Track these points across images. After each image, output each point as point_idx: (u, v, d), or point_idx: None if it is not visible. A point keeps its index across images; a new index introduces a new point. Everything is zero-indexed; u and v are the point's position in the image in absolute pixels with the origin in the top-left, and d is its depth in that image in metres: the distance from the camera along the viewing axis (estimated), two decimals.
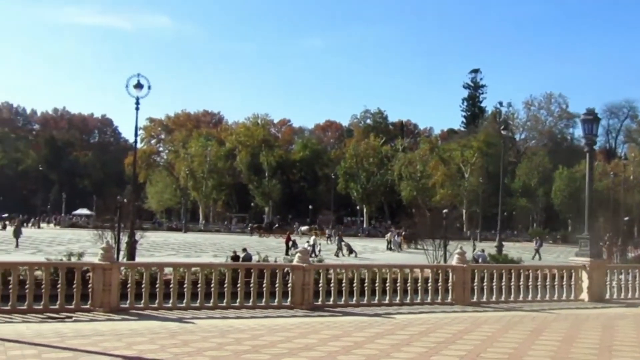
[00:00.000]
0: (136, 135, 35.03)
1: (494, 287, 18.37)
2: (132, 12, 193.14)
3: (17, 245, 42.50)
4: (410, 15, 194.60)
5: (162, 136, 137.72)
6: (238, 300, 15.87)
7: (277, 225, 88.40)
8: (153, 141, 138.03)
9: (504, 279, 18.55)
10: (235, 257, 31.67)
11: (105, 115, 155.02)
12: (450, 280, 18.14)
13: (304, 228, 72.88)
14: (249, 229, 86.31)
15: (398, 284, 17.41)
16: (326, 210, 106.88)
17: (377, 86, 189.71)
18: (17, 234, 44.89)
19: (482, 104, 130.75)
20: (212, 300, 15.58)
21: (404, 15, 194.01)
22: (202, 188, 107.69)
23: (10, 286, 14.27)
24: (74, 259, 23.10)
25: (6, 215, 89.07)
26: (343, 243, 49.10)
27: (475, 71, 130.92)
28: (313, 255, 39.33)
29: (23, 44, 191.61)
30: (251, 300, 16.08)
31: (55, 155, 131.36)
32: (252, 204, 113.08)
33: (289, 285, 16.26)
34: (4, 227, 67.70)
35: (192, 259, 36.77)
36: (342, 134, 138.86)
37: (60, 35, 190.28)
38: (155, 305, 15.11)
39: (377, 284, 17.21)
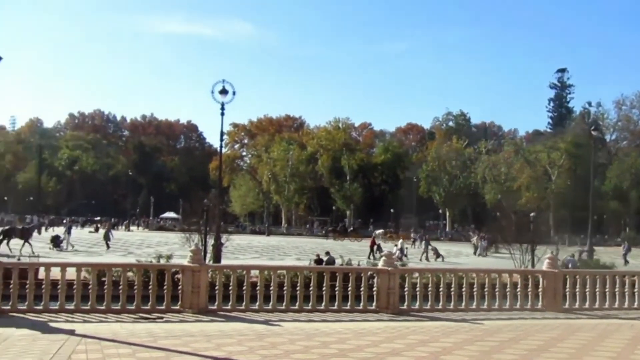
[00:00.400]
0: (221, 140, 35.48)
1: (587, 293, 17.68)
2: (216, 19, 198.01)
3: (107, 248, 43.95)
4: (494, 15, 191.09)
5: (246, 141, 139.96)
6: (323, 303, 15.89)
7: (352, 228, 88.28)
8: (237, 146, 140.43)
9: (597, 285, 17.83)
10: (318, 261, 31.73)
11: (191, 121, 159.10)
12: (540, 285, 17.59)
13: (379, 231, 72.35)
14: (323, 232, 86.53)
15: (485, 289, 17.00)
16: (408, 213, 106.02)
17: (460, 88, 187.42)
18: (107, 236, 46.43)
19: (570, 104, 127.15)
20: (297, 303, 15.66)
21: (487, 16, 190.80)
22: (284, 192, 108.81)
23: (105, 287, 14.77)
24: (162, 261, 23.65)
25: (98, 218, 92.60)
26: (430, 247, 48.37)
27: (562, 70, 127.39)
28: (403, 259, 39.04)
29: (113, 54, 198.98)
30: (336, 304, 16.05)
31: (144, 160, 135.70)
32: (334, 208, 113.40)
33: (374, 289, 16.16)
34: (97, 230, 70.25)
35: (276, 262, 37.08)
36: (423, 136, 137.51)
37: (148, 44, 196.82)
38: (242, 307, 15.31)
39: (463, 289, 16.87)
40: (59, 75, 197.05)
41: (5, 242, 37.15)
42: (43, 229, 49.90)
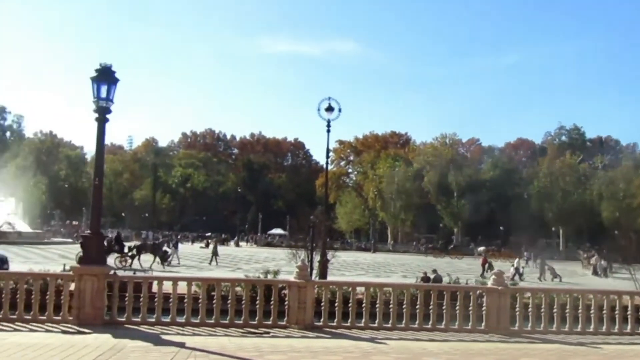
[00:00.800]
0: (327, 157, 35.80)
1: None
2: (321, 38, 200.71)
3: (216, 263, 45.01)
4: (607, 27, 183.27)
5: (351, 158, 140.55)
6: (430, 322, 15.54)
7: (452, 246, 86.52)
8: (342, 163, 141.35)
9: None
10: (425, 278, 31.25)
11: (298, 138, 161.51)
12: None
13: (481, 249, 70.47)
14: (423, 248, 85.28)
15: (604, 312, 16.10)
16: (518, 231, 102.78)
17: (573, 102, 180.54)
18: (215, 252, 47.59)
19: None
20: (404, 321, 15.39)
21: (600, 27, 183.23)
22: (390, 209, 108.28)
23: (214, 301, 15.07)
24: (270, 277, 23.92)
25: (209, 234, 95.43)
26: (547, 267, 46.53)
27: None
28: (515, 278, 37.81)
29: (223, 74, 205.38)
30: (443, 323, 15.65)
31: (252, 177, 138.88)
32: (441, 225, 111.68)
33: (483, 308, 15.66)
34: (207, 245, 72.28)
35: (382, 279, 36.79)
36: (534, 152, 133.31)
37: (256, 64, 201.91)
38: (348, 325, 15.21)
39: (579, 311, 16.04)
40: (173, 95, 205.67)
41: (137, 257, 39.03)
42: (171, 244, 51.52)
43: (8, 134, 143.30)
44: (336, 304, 15.45)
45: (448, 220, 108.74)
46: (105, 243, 40.49)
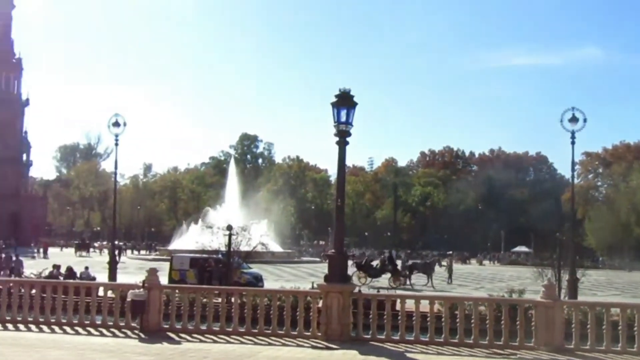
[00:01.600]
0: (573, 170, 33.86)
1: None
2: (561, 47, 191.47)
3: (449, 282, 44.36)
4: None
5: (600, 170, 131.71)
6: None
7: None
8: (590, 176, 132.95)
9: None
10: None
11: (540, 152, 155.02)
12: None
13: None
14: None
15: None
16: None
17: None
18: (450, 270, 46.79)
19: None
20: None
21: None
22: None
23: (458, 320, 14.88)
24: (514, 296, 23.13)
25: (450, 252, 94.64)
26: None
27: None
28: None
29: (460, 92, 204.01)
30: None
31: (493, 194, 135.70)
32: None
33: None
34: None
35: None
36: None
37: (491, 79, 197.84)
38: (603, 348, 14.16)
39: None
40: (411, 116, 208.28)
41: (409, 276, 40.05)
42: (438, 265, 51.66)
43: (260, 160, 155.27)
44: (588, 326, 14.46)
45: None
46: (379, 262, 42.32)
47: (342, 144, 15.56)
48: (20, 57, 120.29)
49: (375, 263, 43.21)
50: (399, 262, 45.41)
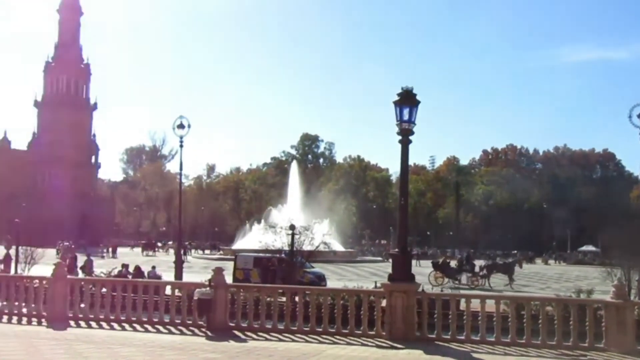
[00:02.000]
0: None
1: None
2: (629, 41, 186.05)
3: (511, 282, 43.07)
4: None
5: None
6: None
7: None
8: None
9: None
10: None
11: (607, 149, 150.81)
12: None
13: None
14: None
15: None
16: None
17: None
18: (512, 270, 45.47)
19: None
20: None
21: None
22: None
23: (524, 320, 14.65)
24: (582, 296, 22.66)
25: (515, 252, 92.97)
26: None
27: None
28: None
29: (521, 89, 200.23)
30: None
31: (558, 192, 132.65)
32: None
33: None
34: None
35: None
36: None
37: (556, 75, 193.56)
38: None
39: None
40: (472, 113, 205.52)
41: (488, 277, 39.43)
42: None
43: (321, 160, 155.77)
44: None
45: None
46: (456, 262, 41.80)
47: (405, 142, 15.50)
48: (88, 63, 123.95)
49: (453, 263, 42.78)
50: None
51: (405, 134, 15.41)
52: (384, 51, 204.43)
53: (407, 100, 15.32)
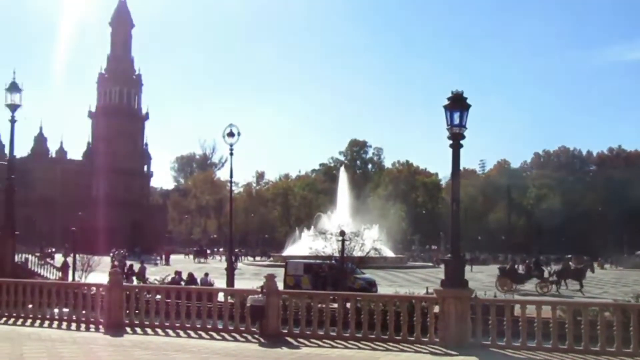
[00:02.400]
0: None
1: None
2: None
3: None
4: None
5: None
6: None
7: None
8: None
9: None
10: None
11: None
12: None
13: None
14: None
15: None
16: None
17: None
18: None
19: None
20: None
21: None
22: None
23: (582, 326, 14.33)
24: None
25: (569, 256, 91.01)
26: None
27: None
28: None
29: (571, 89, 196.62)
30: None
31: (613, 194, 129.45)
32: None
33: None
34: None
35: None
36: None
37: (609, 74, 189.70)
38: None
39: None
40: (523, 116, 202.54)
41: (558, 283, 38.64)
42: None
43: (370, 166, 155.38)
44: None
45: None
46: (524, 268, 41.24)
47: (456, 147, 15.35)
48: (139, 74, 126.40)
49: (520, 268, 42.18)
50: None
51: (456, 139, 15.26)
52: (433, 54, 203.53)
53: (458, 104, 15.18)
